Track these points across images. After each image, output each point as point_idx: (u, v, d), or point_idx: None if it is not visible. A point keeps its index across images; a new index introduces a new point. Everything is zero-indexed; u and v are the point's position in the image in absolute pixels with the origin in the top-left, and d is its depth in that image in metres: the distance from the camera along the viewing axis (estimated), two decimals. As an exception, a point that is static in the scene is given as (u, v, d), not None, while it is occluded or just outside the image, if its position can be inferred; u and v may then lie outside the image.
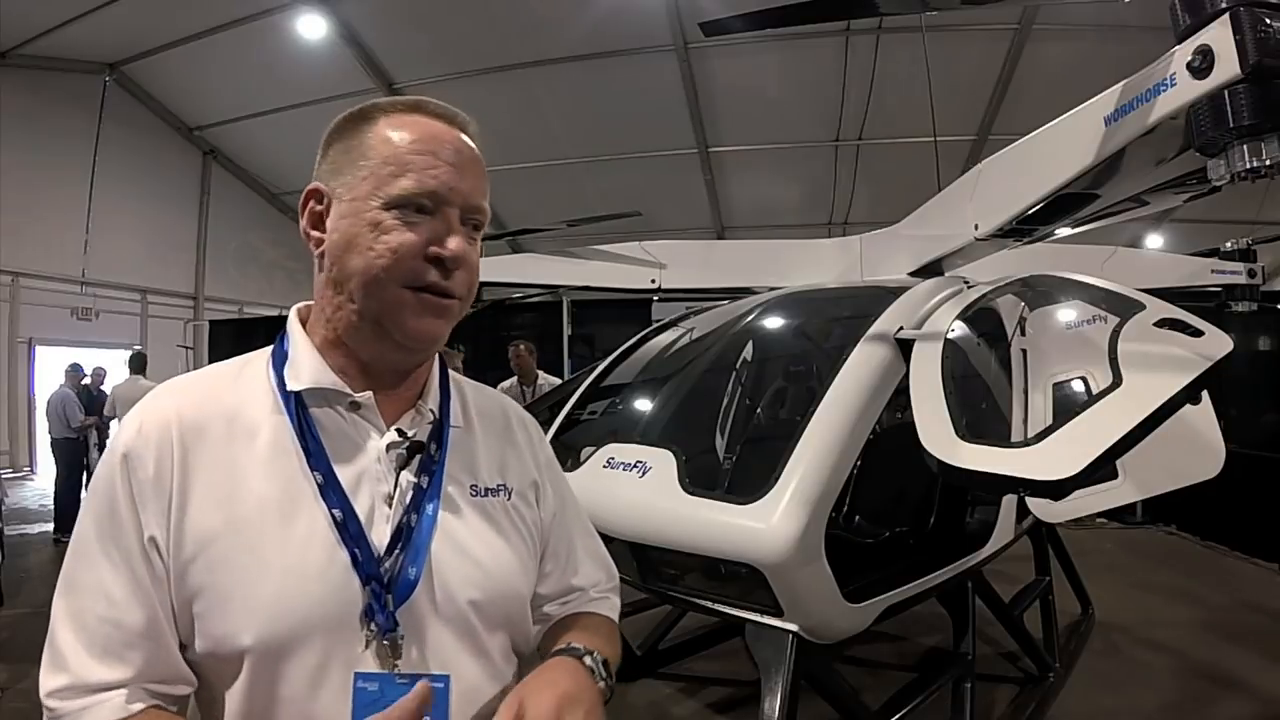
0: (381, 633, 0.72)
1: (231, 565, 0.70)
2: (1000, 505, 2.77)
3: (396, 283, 0.75)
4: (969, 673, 2.67)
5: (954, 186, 2.60)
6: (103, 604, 0.70)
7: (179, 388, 0.80)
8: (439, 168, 0.76)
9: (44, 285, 10.50)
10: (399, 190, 0.75)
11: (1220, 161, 1.51)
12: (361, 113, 0.80)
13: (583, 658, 0.82)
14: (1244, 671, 3.45)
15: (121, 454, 0.73)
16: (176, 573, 0.71)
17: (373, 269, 0.74)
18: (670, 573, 2.36)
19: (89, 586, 0.70)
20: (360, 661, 0.71)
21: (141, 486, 0.71)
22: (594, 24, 9.25)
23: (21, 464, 10.41)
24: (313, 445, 0.76)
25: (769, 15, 2.19)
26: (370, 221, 0.75)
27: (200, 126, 12.50)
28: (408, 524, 0.76)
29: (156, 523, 0.71)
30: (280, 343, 0.83)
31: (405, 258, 0.74)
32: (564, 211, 6.09)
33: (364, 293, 0.75)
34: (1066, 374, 1.95)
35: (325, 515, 0.73)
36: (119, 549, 0.71)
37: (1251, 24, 1.36)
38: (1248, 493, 4.82)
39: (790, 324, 3.26)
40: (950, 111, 8.55)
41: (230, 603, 0.69)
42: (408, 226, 0.75)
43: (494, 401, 0.96)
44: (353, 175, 0.77)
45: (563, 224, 4.91)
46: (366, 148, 0.77)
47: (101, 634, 0.69)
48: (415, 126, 0.78)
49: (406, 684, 0.70)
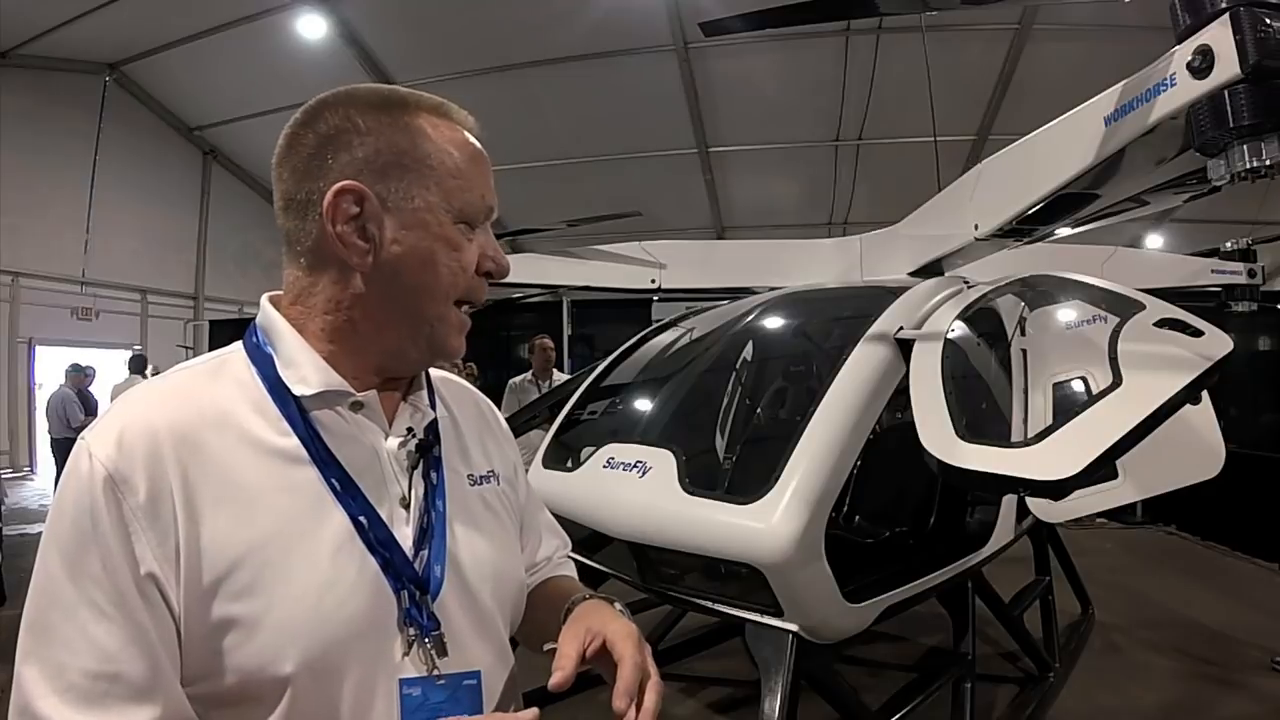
0: (424, 634, 0.71)
1: (259, 590, 0.64)
2: (1000, 505, 2.77)
3: (454, 299, 0.75)
4: (969, 673, 2.66)
5: (954, 186, 2.60)
6: (91, 656, 0.60)
7: (155, 394, 0.70)
8: (490, 183, 0.76)
9: (44, 285, 10.48)
10: (469, 204, 0.74)
11: (1220, 161, 1.51)
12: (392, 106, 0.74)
13: (613, 603, 0.84)
14: (1244, 671, 3.45)
15: (104, 477, 0.62)
16: (190, 606, 0.63)
17: (442, 286, 0.73)
18: (670, 573, 2.36)
19: (68, 637, 0.60)
20: (401, 668, 0.70)
21: (133, 514, 0.62)
22: (594, 24, 9.25)
23: (21, 464, 10.39)
24: (324, 452, 0.71)
25: (769, 15, 2.19)
26: (444, 236, 0.73)
27: (200, 126, 12.50)
28: (428, 523, 0.75)
29: (155, 555, 0.62)
30: (252, 338, 0.76)
31: (469, 273, 0.75)
32: (564, 211, 6.08)
33: (426, 310, 0.74)
34: (1066, 374, 1.95)
35: (347, 523, 0.70)
36: (104, 591, 0.60)
37: (1251, 24, 1.36)
38: (1248, 493, 4.82)
39: (790, 324, 3.26)
40: (950, 111, 8.55)
41: (264, 630, 0.64)
42: (469, 242, 0.75)
43: (463, 389, 0.95)
44: (412, 183, 0.72)
45: (563, 224, 4.90)
46: (426, 154, 0.73)
47: (94, 690, 0.59)
48: (456, 132, 0.76)
49: (445, 685, 0.70)
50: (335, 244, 0.71)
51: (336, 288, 0.73)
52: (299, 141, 0.73)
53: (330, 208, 0.70)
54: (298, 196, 0.73)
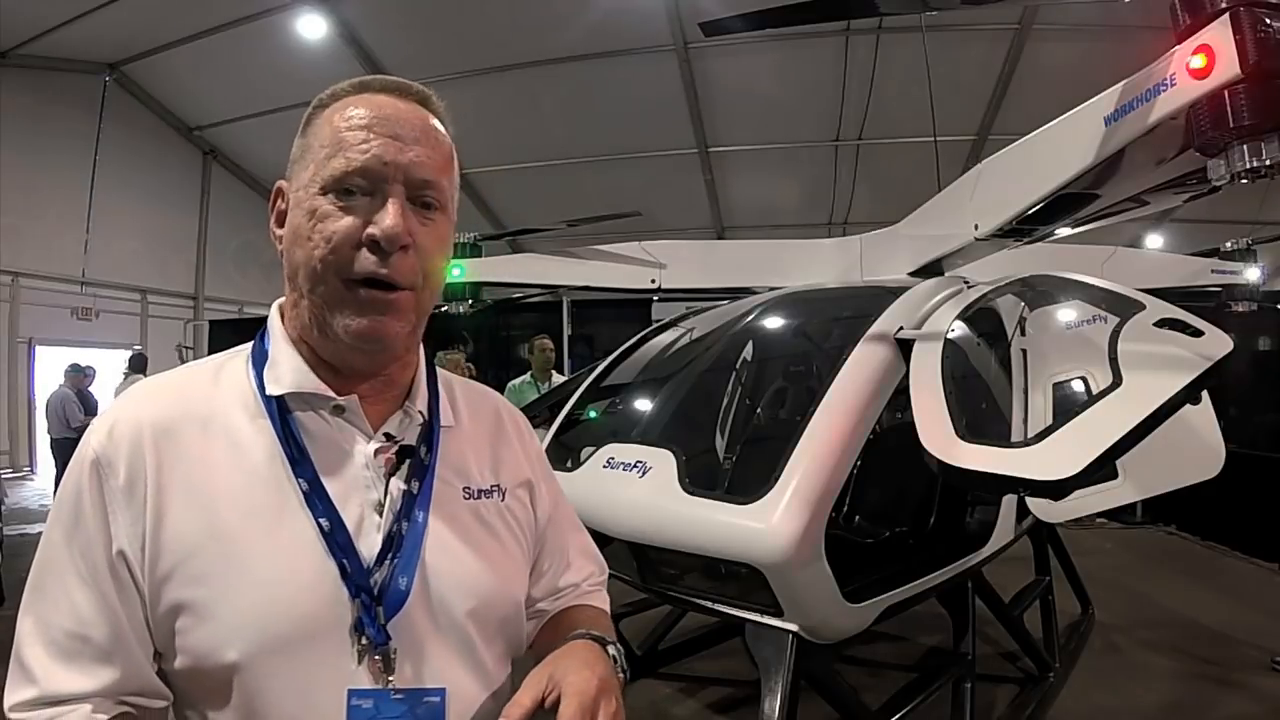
0: (373, 647, 0.69)
1: (214, 578, 0.67)
2: (1000, 505, 2.77)
3: (336, 276, 0.70)
4: (969, 673, 2.66)
5: (954, 186, 2.60)
6: (70, 617, 0.67)
7: (152, 390, 0.75)
8: (371, 141, 0.70)
9: (44, 285, 10.48)
10: (330, 171, 0.70)
11: (1220, 161, 1.51)
12: (318, 102, 0.77)
13: (606, 646, 0.79)
14: (1244, 671, 3.45)
15: (91, 460, 0.69)
16: (152, 587, 0.67)
17: (312, 261, 0.70)
18: (670, 573, 2.36)
19: (56, 598, 0.68)
20: (354, 677, 0.68)
21: (112, 495, 0.68)
22: (594, 24, 9.25)
23: (21, 464, 10.39)
24: (296, 452, 0.72)
25: (769, 15, 2.19)
26: (308, 210, 0.71)
27: (200, 126, 12.50)
28: (398, 532, 0.73)
29: (127, 535, 0.67)
30: (261, 340, 0.79)
31: (341, 245, 0.69)
32: (564, 211, 6.08)
33: (309, 289, 0.72)
34: (1066, 374, 1.95)
35: (312, 525, 0.70)
36: (86, 561, 0.67)
37: (1251, 24, 1.37)
38: (1248, 493, 4.82)
39: (790, 324, 3.26)
40: (950, 111, 8.54)
41: (213, 617, 0.66)
42: (344, 211, 0.70)
43: (485, 399, 0.93)
44: (301, 166, 0.74)
45: (563, 224, 4.90)
46: (312, 137, 0.74)
47: (69, 647, 0.66)
48: (359, 104, 0.73)
49: (402, 700, 0.68)
50: (275, 241, 0.77)
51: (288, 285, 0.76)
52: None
53: (269, 206, 0.79)
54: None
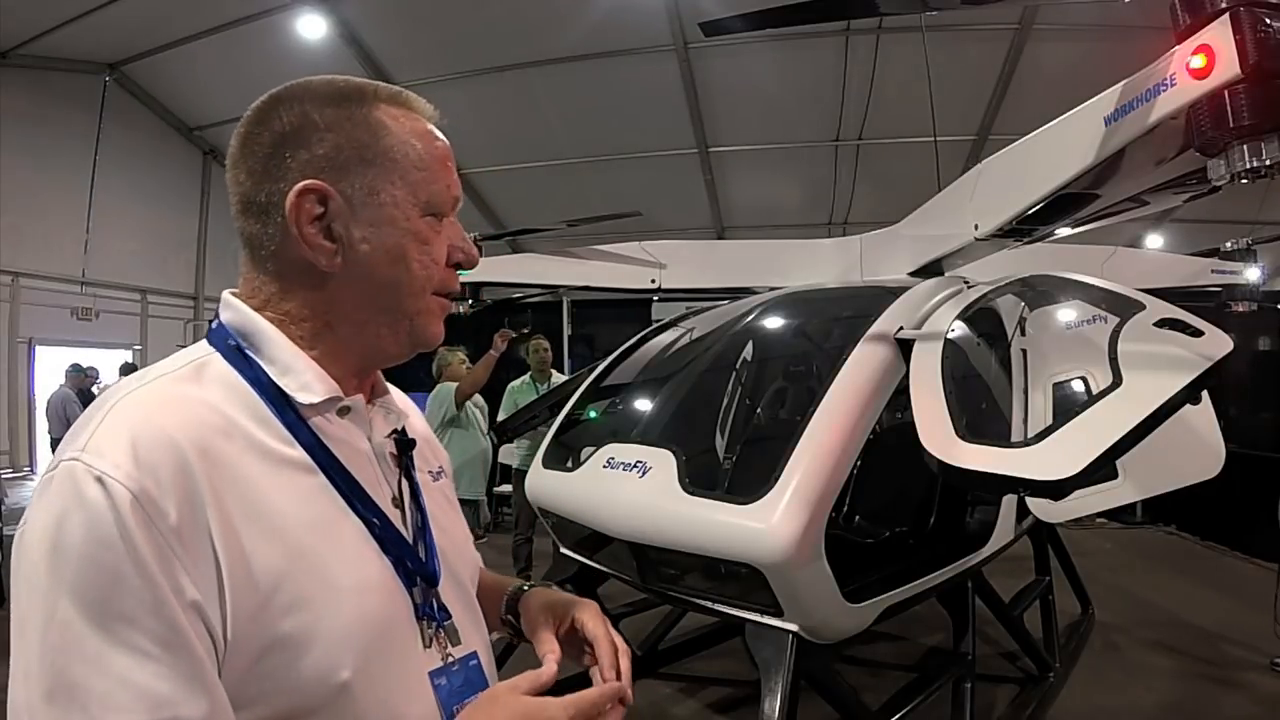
0: (439, 625, 0.74)
1: (309, 601, 0.62)
2: (1000, 505, 2.77)
3: (430, 291, 0.75)
4: (969, 673, 2.66)
5: (954, 186, 2.60)
6: (143, 708, 0.52)
7: (150, 401, 0.63)
8: (453, 172, 0.76)
9: (44, 285, 10.46)
10: (435, 197, 0.73)
11: (1220, 161, 1.51)
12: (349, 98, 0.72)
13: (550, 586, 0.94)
14: (1244, 671, 3.45)
15: (128, 499, 0.54)
16: (240, 633, 0.58)
17: (417, 281, 0.73)
18: (670, 573, 2.36)
19: (106, 694, 0.52)
20: (426, 660, 0.73)
21: (167, 539, 0.55)
22: (594, 24, 9.24)
23: (21, 464, 10.38)
24: (327, 457, 0.70)
25: (769, 15, 2.19)
26: (412, 231, 0.72)
27: (200, 126, 12.48)
28: (419, 520, 0.78)
29: (196, 581, 0.56)
30: (229, 341, 0.71)
31: (442, 267, 0.75)
32: (564, 211, 6.09)
33: (405, 304, 0.73)
34: (1066, 374, 1.95)
35: (360, 526, 0.70)
36: (146, 631, 0.53)
37: (1251, 24, 1.37)
38: (1248, 493, 4.82)
39: (790, 324, 3.26)
40: (950, 111, 8.54)
41: (319, 642, 0.62)
42: (438, 234, 0.75)
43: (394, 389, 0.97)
44: (376, 178, 0.70)
45: (563, 224, 4.91)
46: (389, 148, 0.71)
47: None
48: (417, 122, 0.75)
49: (459, 669, 0.75)
50: (301, 247, 0.69)
51: (308, 292, 0.71)
52: (254, 141, 0.70)
53: (293, 209, 0.68)
54: (257, 199, 0.70)
